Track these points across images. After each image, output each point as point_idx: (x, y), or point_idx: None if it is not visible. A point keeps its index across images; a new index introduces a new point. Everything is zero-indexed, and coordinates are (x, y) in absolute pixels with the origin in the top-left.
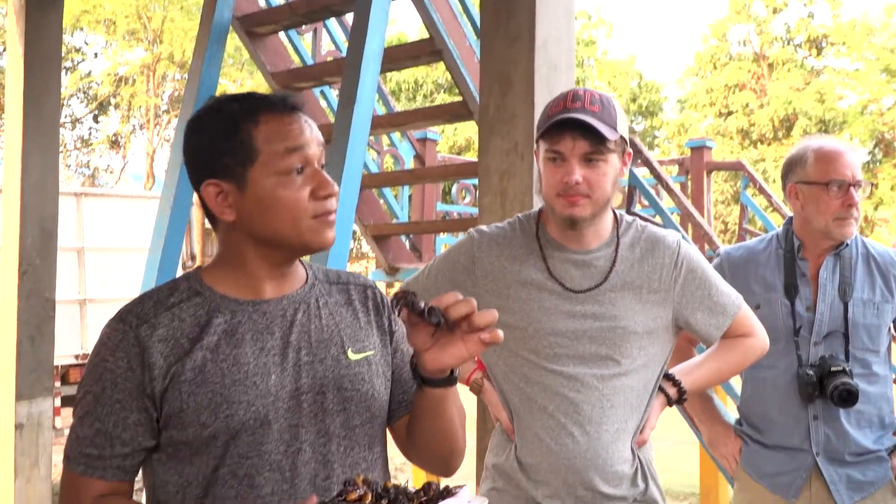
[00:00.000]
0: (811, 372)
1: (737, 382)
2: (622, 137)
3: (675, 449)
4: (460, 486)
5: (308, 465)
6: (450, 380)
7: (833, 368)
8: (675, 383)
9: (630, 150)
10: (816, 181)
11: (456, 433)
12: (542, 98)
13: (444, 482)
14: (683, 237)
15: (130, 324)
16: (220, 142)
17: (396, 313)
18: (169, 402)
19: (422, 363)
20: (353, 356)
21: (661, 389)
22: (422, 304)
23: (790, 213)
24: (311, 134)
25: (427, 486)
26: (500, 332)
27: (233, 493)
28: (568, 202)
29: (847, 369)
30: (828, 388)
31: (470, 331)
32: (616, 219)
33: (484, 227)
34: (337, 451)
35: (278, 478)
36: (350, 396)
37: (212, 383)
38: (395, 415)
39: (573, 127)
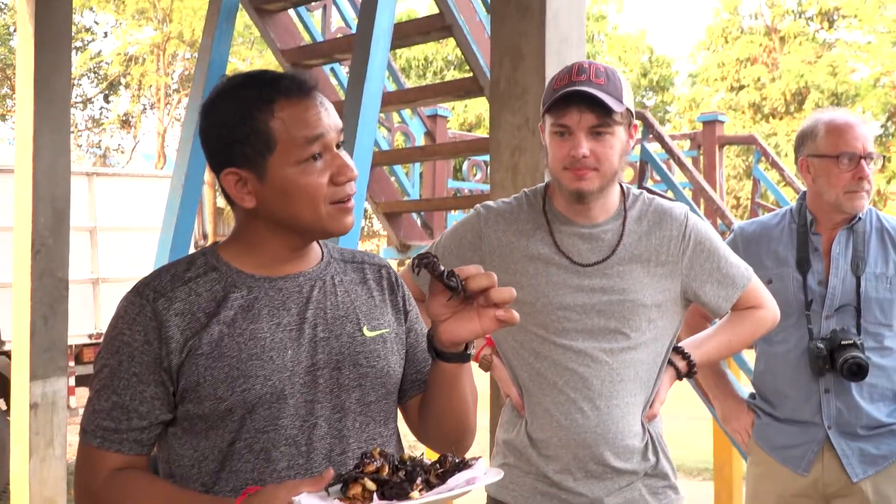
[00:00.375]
0: (822, 345)
1: (750, 357)
2: (628, 110)
3: (688, 424)
4: (476, 458)
5: (324, 440)
6: (463, 356)
7: (844, 342)
8: (685, 356)
9: (636, 123)
10: (827, 154)
11: (468, 412)
12: (554, 72)
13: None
14: (692, 209)
15: (147, 297)
16: (236, 130)
17: (416, 273)
18: (185, 376)
19: (437, 335)
20: (368, 333)
21: (670, 363)
22: (441, 268)
23: (803, 188)
24: (329, 118)
25: (443, 458)
26: (517, 314)
27: (249, 466)
28: (575, 176)
29: (858, 343)
30: (838, 362)
31: (486, 305)
32: (623, 192)
33: (490, 203)
34: (353, 426)
35: (294, 452)
36: (366, 373)
37: (228, 357)
38: (407, 394)
39: (579, 100)
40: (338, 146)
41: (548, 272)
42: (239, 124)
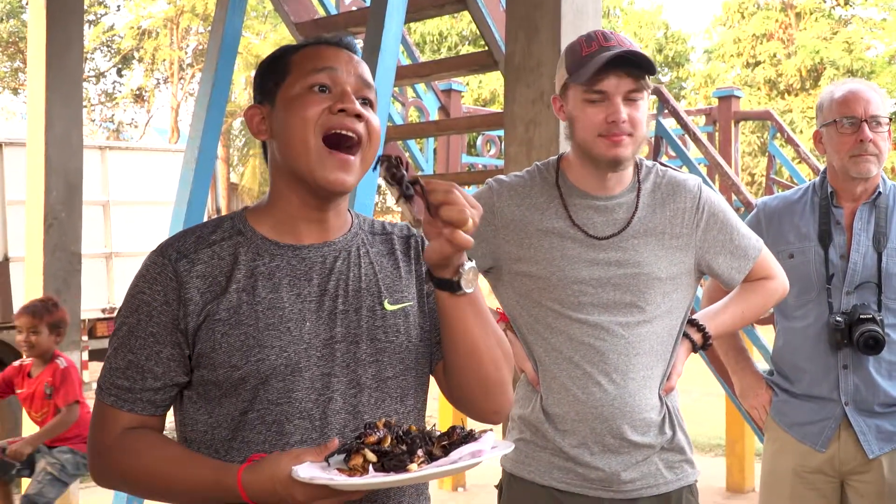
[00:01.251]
0: (840, 319)
1: (764, 334)
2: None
3: (701, 400)
4: (485, 431)
5: (338, 415)
6: (449, 284)
7: (862, 316)
8: (700, 328)
9: (663, 96)
10: (831, 120)
11: (481, 358)
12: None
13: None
14: (705, 181)
15: (170, 257)
16: (266, 71)
17: (373, 169)
18: (202, 341)
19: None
20: (389, 307)
21: (685, 335)
22: (403, 172)
23: (819, 164)
24: (350, 64)
25: (451, 430)
26: (466, 237)
27: (261, 438)
28: (612, 142)
29: (877, 318)
30: (854, 335)
31: (443, 224)
32: (636, 164)
33: (503, 177)
34: (368, 402)
35: (308, 426)
36: (384, 348)
37: (245, 325)
38: (434, 357)
39: (615, 65)
40: (366, 102)
41: (563, 246)
42: (269, 65)
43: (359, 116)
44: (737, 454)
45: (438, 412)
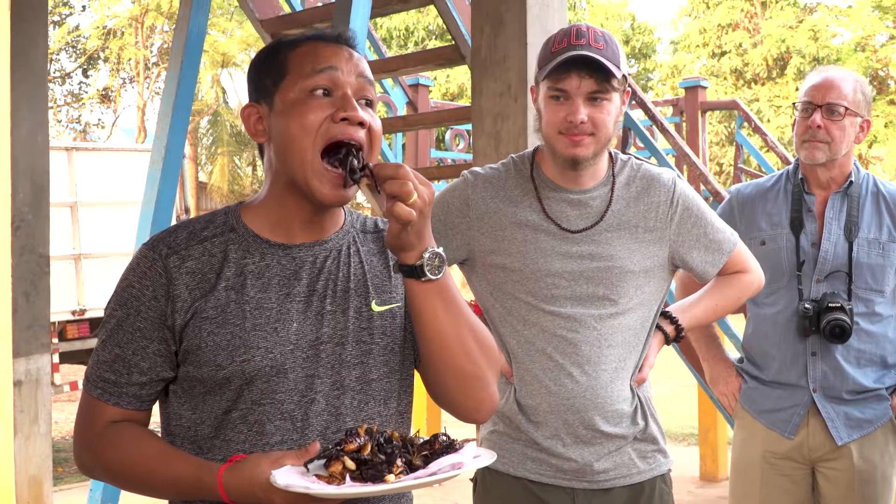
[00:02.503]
0: (809, 306)
1: (734, 322)
2: (624, 76)
3: (673, 391)
4: (467, 440)
5: (320, 417)
6: (411, 270)
7: (831, 304)
8: (673, 321)
9: (629, 89)
10: (797, 104)
11: (451, 347)
12: (535, 38)
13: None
14: (678, 175)
15: (160, 252)
16: (262, 67)
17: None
18: (188, 338)
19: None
20: (376, 308)
21: (658, 328)
22: (353, 161)
23: (786, 153)
24: (350, 62)
25: (434, 439)
26: (408, 210)
27: (241, 437)
28: (571, 142)
29: (846, 307)
30: (822, 323)
31: (390, 198)
32: (611, 158)
33: (478, 169)
34: (351, 404)
35: (289, 427)
36: (369, 350)
37: (232, 325)
38: (417, 355)
39: (579, 65)
40: (368, 104)
41: (536, 239)
42: (268, 61)
43: (361, 124)
44: (709, 443)
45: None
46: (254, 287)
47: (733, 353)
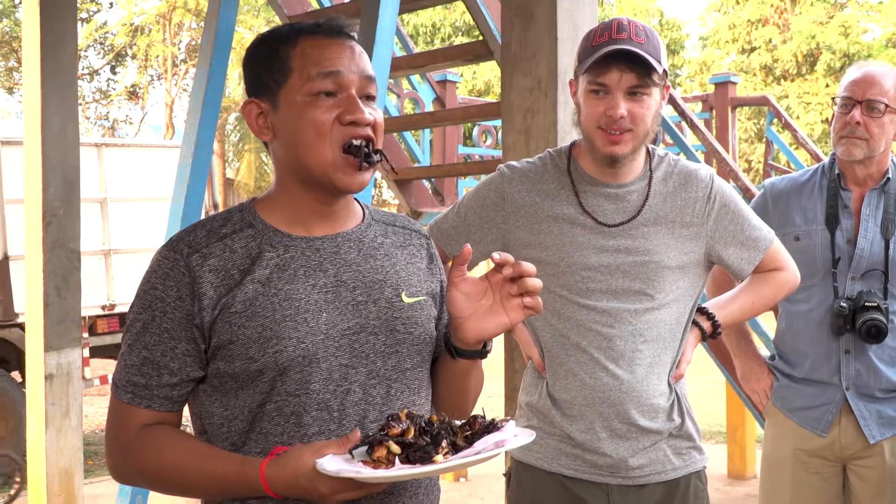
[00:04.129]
0: (845, 305)
1: (764, 320)
2: (664, 71)
3: (702, 388)
4: (506, 420)
5: (357, 406)
6: (482, 352)
7: (867, 303)
8: (710, 317)
9: (668, 84)
10: (836, 98)
11: (467, 405)
12: (566, 33)
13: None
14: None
15: (182, 252)
16: (262, 62)
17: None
18: (218, 334)
19: (461, 333)
20: (407, 299)
21: (695, 323)
22: (364, 146)
23: (816, 149)
24: (353, 61)
25: (472, 420)
26: (541, 302)
27: (279, 430)
28: (609, 139)
29: (882, 306)
30: (857, 323)
31: (517, 294)
32: (648, 153)
33: (514, 163)
34: (387, 393)
35: (326, 417)
36: (403, 339)
37: (262, 317)
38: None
39: (619, 59)
40: (369, 98)
41: (572, 232)
42: (266, 55)
43: (367, 124)
44: (738, 441)
45: None
46: (280, 279)
47: (763, 351)
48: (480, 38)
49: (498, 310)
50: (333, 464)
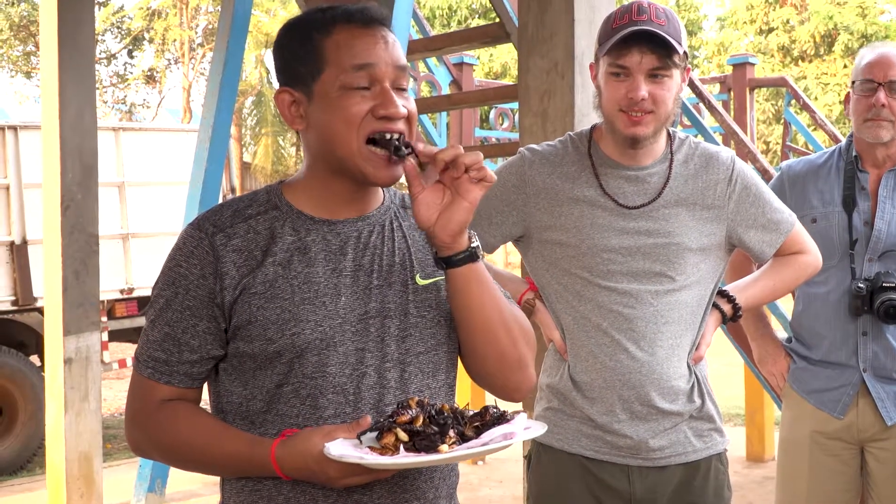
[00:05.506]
0: (862, 286)
1: (783, 303)
2: (684, 52)
3: (720, 371)
4: (518, 412)
5: (372, 390)
6: (471, 253)
7: (885, 284)
8: (730, 300)
9: (689, 66)
10: (853, 82)
11: (495, 331)
12: (583, 15)
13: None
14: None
15: (206, 231)
16: (296, 50)
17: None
18: (238, 314)
19: (436, 239)
20: (421, 281)
21: (715, 306)
22: (395, 140)
23: (834, 130)
24: (386, 52)
25: (484, 410)
26: (490, 172)
27: (294, 411)
28: (631, 121)
29: None
30: (875, 304)
31: (459, 175)
32: (669, 135)
33: (535, 146)
34: (401, 376)
35: (342, 400)
36: (415, 323)
37: (281, 299)
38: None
39: (640, 41)
40: (401, 89)
41: (593, 214)
42: (299, 44)
43: (401, 117)
44: (756, 424)
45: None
46: (301, 262)
47: (781, 333)
48: (497, 20)
49: (456, 198)
50: (339, 448)
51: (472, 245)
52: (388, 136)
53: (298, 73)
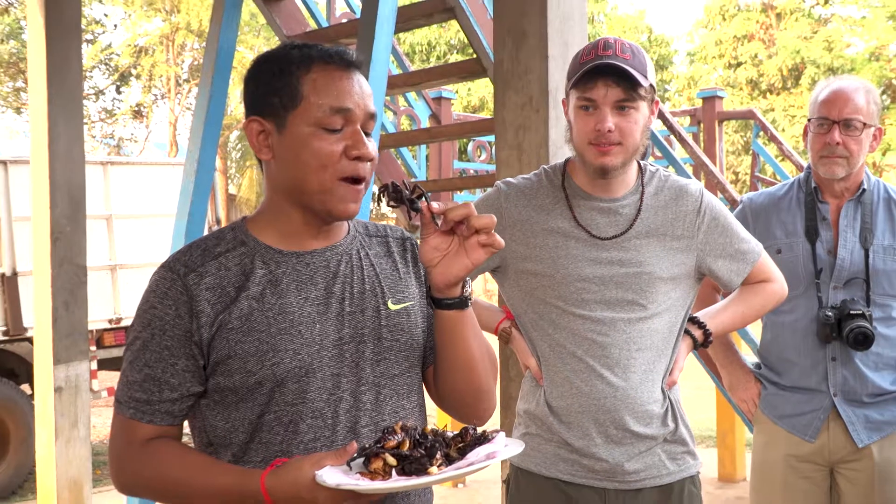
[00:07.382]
0: (830, 313)
1: (754, 329)
2: (651, 86)
3: (692, 394)
4: (497, 431)
5: (349, 413)
6: (461, 301)
7: (852, 311)
8: (701, 326)
9: (657, 99)
10: (810, 118)
11: (476, 369)
12: (557, 51)
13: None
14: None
15: (178, 272)
16: (271, 82)
17: (378, 202)
18: (216, 350)
19: (432, 280)
20: (393, 306)
21: (687, 332)
22: (403, 191)
23: (802, 161)
24: (361, 98)
25: (464, 431)
26: (500, 239)
27: (277, 438)
28: (599, 151)
29: (866, 314)
30: (844, 331)
31: (468, 235)
32: (640, 168)
33: (511, 179)
34: (377, 399)
35: (320, 424)
36: (389, 346)
37: (258, 332)
38: (426, 361)
39: (606, 74)
40: (367, 134)
41: (567, 245)
42: (275, 76)
43: (370, 159)
44: (728, 445)
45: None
46: (273, 294)
47: (751, 358)
48: (474, 56)
49: (461, 253)
50: (333, 476)
51: (465, 293)
52: (396, 195)
53: (271, 104)
